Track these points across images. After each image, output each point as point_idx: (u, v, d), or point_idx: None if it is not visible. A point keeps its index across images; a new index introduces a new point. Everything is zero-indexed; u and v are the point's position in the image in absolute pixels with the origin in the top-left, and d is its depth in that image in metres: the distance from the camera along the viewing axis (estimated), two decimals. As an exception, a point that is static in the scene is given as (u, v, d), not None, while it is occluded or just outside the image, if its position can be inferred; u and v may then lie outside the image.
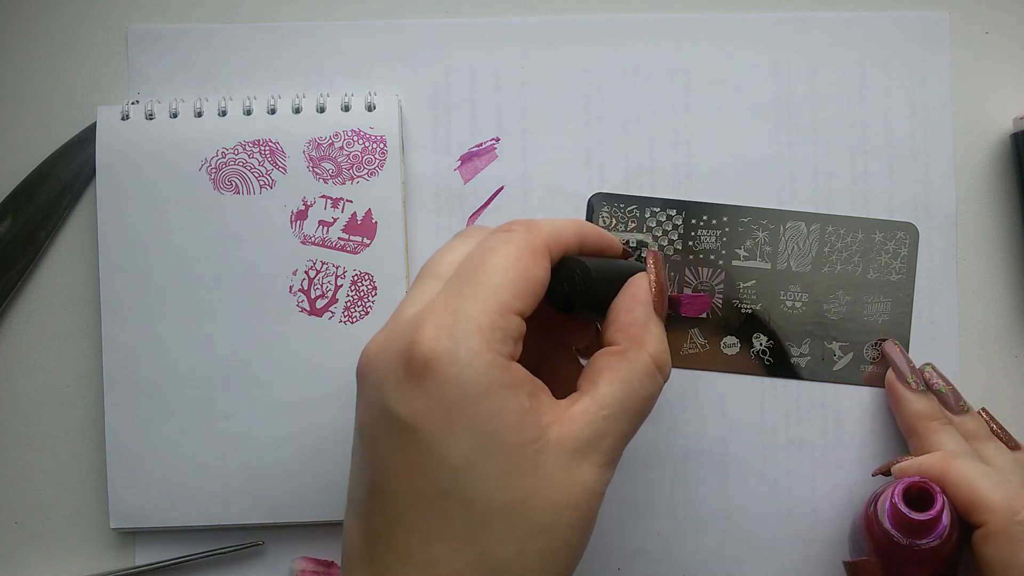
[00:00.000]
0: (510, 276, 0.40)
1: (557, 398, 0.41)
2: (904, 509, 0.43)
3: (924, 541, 0.43)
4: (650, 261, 0.45)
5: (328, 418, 0.51)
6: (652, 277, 0.44)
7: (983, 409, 0.52)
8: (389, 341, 0.40)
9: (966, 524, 0.45)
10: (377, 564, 0.39)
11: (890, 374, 0.52)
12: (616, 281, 0.44)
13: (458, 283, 0.40)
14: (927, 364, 0.52)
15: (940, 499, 0.43)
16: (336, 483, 0.51)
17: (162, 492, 0.51)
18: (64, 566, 0.53)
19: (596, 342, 0.45)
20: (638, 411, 0.42)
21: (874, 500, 0.46)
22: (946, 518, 0.44)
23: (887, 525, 0.44)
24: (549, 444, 0.39)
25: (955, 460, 0.46)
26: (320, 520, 0.51)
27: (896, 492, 0.44)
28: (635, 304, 0.43)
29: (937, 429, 0.49)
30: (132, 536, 0.52)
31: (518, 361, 0.40)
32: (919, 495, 0.44)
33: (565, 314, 0.43)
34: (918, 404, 0.50)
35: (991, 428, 0.51)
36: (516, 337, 0.40)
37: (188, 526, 0.51)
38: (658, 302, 0.44)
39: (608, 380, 0.41)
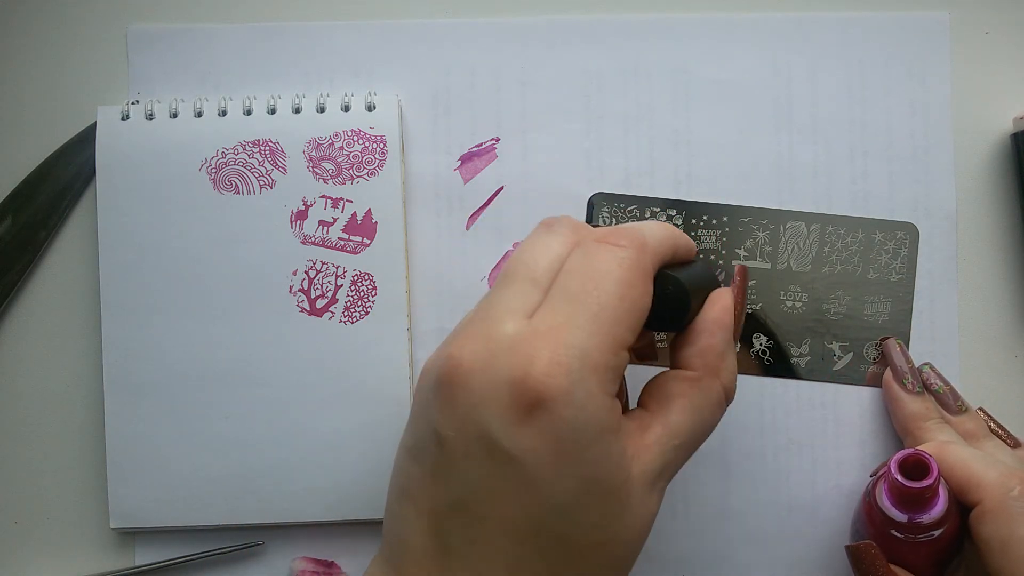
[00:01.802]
0: (624, 306, 0.39)
1: None
2: (900, 479, 0.44)
3: (922, 516, 0.44)
4: (737, 278, 0.44)
5: (328, 418, 0.51)
6: (736, 296, 0.44)
7: (981, 408, 0.52)
8: (491, 360, 0.38)
9: (965, 514, 0.45)
10: None
11: (887, 374, 0.52)
12: (698, 294, 0.43)
13: (569, 305, 0.38)
14: (925, 364, 0.52)
15: (935, 469, 0.44)
16: (336, 483, 0.51)
17: (162, 492, 0.51)
18: (64, 566, 0.53)
19: (650, 344, 0.45)
20: (703, 438, 0.42)
21: (872, 485, 0.47)
22: (943, 496, 0.44)
23: (886, 503, 0.45)
24: (633, 479, 0.39)
25: (949, 445, 0.47)
26: (320, 520, 0.51)
27: (892, 464, 0.44)
28: (717, 329, 0.42)
29: (931, 429, 0.50)
30: (132, 536, 0.52)
31: None
32: (915, 468, 0.44)
33: (647, 328, 0.42)
34: (913, 405, 0.50)
35: (990, 427, 0.51)
36: (621, 372, 0.39)
37: (188, 526, 0.51)
38: (737, 324, 0.43)
39: (681, 408, 0.41)
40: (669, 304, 0.41)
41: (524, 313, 0.39)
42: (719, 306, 0.43)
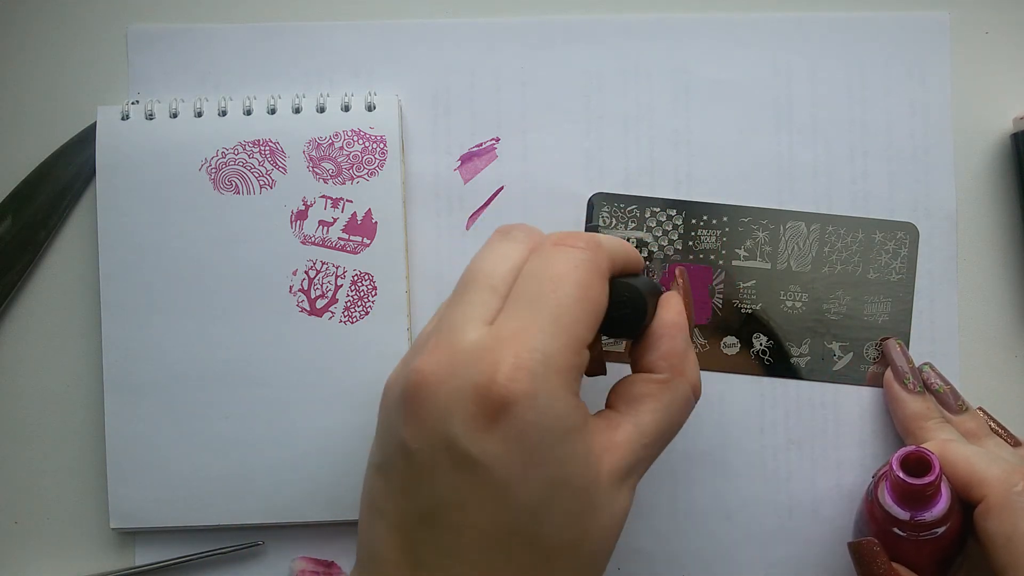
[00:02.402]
0: (583, 307, 0.39)
1: None
2: (902, 475, 0.44)
3: (925, 514, 0.44)
4: (680, 280, 0.45)
5: (328, 418, 0.51)
6: (684, 296, 0.45)
7: (980, 408, 0.52)
8: (455, 370, 0.38)
9: (968, 512, 0.45)
10: None
11: (888, 374, 0.52)
12: (651, 300, 0.44)
13: (529, 309, 0.39)
14: (925, 364, 0.52)
15: (937, 465, 0.44)
16: (336, 483, 0.51)
17: (162, 492, 0.51)
18: (64, 566, 0.53)
19: (599, 358, 0.45)
20: (671, 437, 0.43)
21: (875, 484, 0.47)
22: (945, 493, 0.44)
23: (888, 501, 0.45)
24: (602, 478, 0.39)
25: (951, 443, 0.47)
26: (320, 520, 0.51)
27: (894, 460, 0.44)
28: (676, 331, 0.43)
29: (932, 428, 0.50)
30: (132, 536, 0.52)
31: None
32: (917, 465, 0.44)
33: (605, 335, 0.43)
34: (914, 405, 0.50)
35: (990, 426, 0.51)
36: (582, 372, 0.40)
37: (188, 526, 0.51)
38: (690, 320, 0.44)
39: (651, 409, 0.41)
40: (627, 311, 0.42)
41: (485, 321, 0.39)
42: (673, 310, 0.44)
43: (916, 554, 0.45)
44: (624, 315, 0.42)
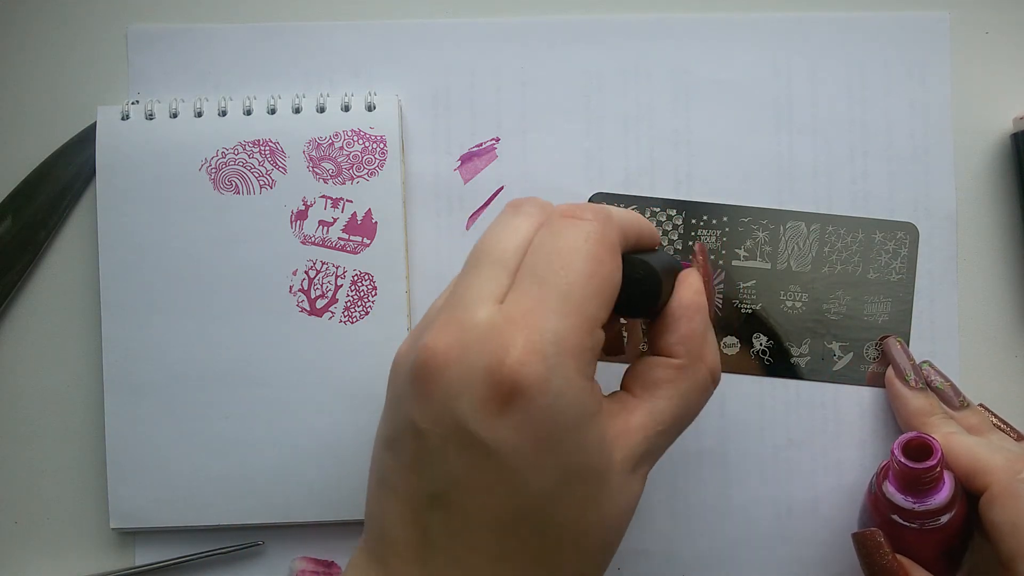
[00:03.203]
0: (595, 283, 0.38)
1: None
2: (904, 460, 0.44)
3: (928, 501, 0.44)
4: (700, 256, 0.44)
5: (328, 418, 0.51)
6: (704, 274, 0.43)
7: (982, 404, 0.52)
8: (465, 350, 0.37)
9: (972, 503, 0.45)
10: (435, 572, 0.38)
11: (889, 371, 0.52)
12: (667, 278, 0.42)
13: (538, 287, 0.37)
14: (925, 361, 0.52)
15: (938, 450, 0.44)
16: (336, 483, 0.51)
17: (162, 492, 0.51)
18: (64, 566, 0.53)
19: (617, 336, 0.44)
20: (688, 421, 0.41)
21: (877, 476, 0.47)
22: (948, 482, 0.44)
23: (891, 490, 0.45)
24: (615, 465, 0.38)
25: (954, 435, 0.47)
26: (320, 520, 0.51)
27: (895, 447, 0.44)
28: (694, 313, 0.41)
29: (936, 424, 0.49)
30: (132, 536, 0.52)
31: None
32: (918, 451, 0.44)
33: (619, 315, 0.41)
34: (917, 401, 0.50)
35: (992, 422, 0.50)
36: (597, 351, 0.38)
37: (188, 526, 0.51)
38: (710, 303, 0.43)
39: (667, 395, 0.40)
40: (640, 289, 0.40)
41: (495, 298, 0.38)
42: (691, 289, 0.42)
43: (920, 545, 0.45)
44: (637, 293, 0.40)
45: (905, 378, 0.51)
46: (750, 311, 0.53)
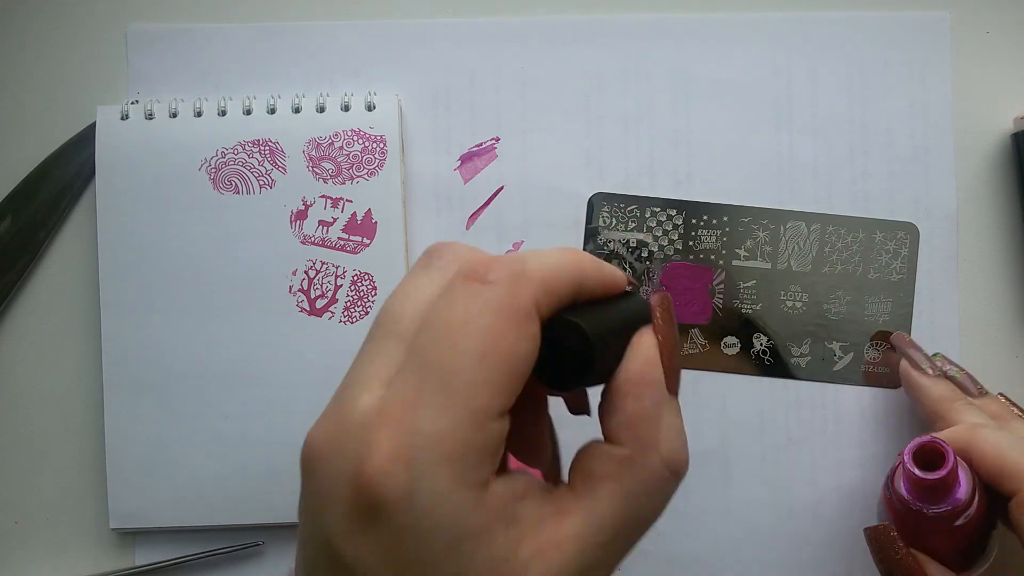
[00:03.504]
0: (488, 365, 0.30)
1: (524, 451, 0.34)
2: (915, 471, 0.42)
3: (939, 507, 0.42)
4: (656, 312, 0.34)
5: (328, 418, 0.51)
6: (660, 336, 0.33)
7: (1001, 393, 0.50)
8: (338, 446, 0.30)
9: (993, 496, 0.43)
10: None
11: (904, 365, 0.51)
12: (619, 336, 0.33)
13: (419, 374, 0.30)
14: (937, 353, 0.51)
15: (951, 457, 0.41)
16: (336, 483, 0.51)
17: (162, 492, 0.51)
18: (64, 566, 0.53)
19: (583, 393, 0.37)
20: (644, 527, 0.33)
21: (892, 472, 0.45)
22: (964, 483, 0.42)
23: (903, 494, 0.43)
24: None
25: (981, 430, 0.44)
26: (320, 520, 0.51)
27: (906, 454, 0.42)
28: (644, 388, 0.32)
29: (961, 410, 0.48)
30: (132, 536, 0.52)
31: None
32: (930, 456, 0.42)
33: (550, 388, 0.33)
34: (938, 388, 0.49)
35: (1013, 411, 0.49)
36: (496, 448, 0.30)
37: (188, 526, 0.51)
38: (670, 368, 0.33)
39: (609, 494, 0.32)
40: (570, 358, 0.32)
41: (382, 380, 0.31)
42: (640, 358, 0.33)
43: (937, 543, 0.43)
44: (566, 363, 0.32)
45: (921, 367, 0.50)
46: (750, 311, 0.53)
